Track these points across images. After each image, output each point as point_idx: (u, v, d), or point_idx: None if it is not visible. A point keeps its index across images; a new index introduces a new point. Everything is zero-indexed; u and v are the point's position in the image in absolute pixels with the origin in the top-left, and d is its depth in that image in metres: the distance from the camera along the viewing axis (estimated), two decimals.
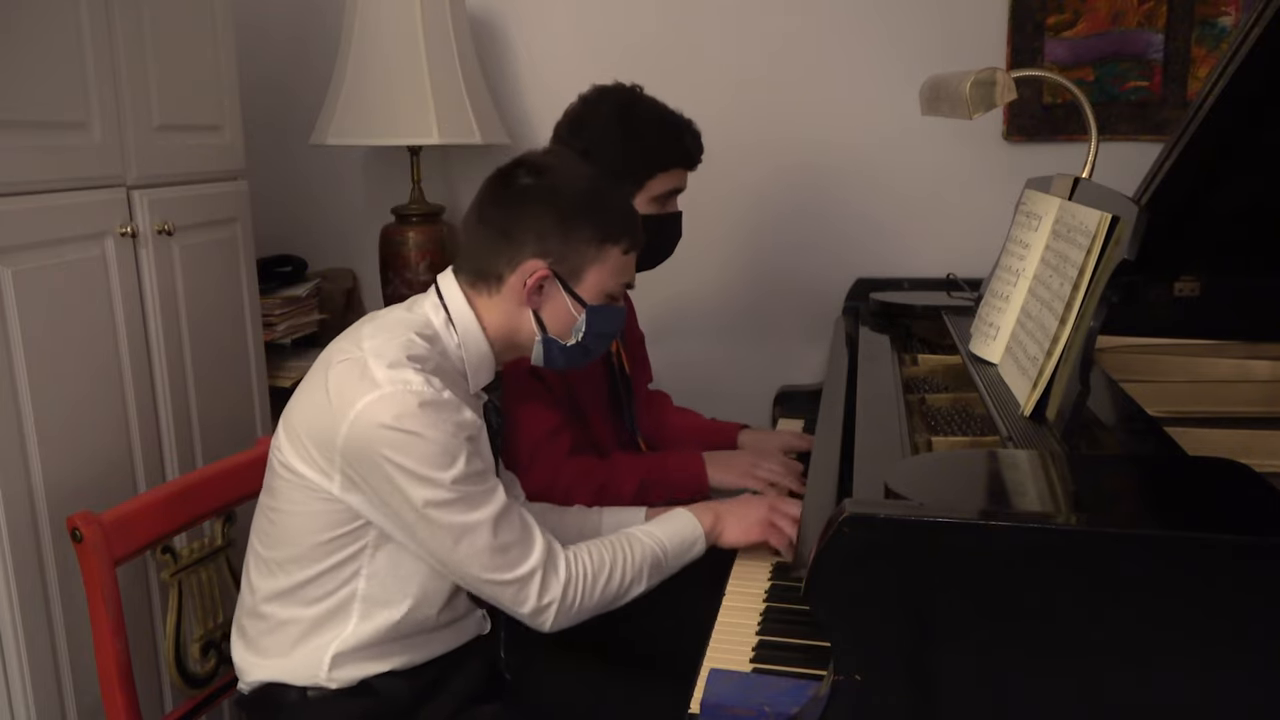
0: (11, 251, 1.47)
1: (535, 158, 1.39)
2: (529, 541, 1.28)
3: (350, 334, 1.33)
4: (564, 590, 1.29)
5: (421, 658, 1.36)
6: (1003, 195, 1.95)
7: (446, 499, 1.22)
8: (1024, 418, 1.25)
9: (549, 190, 1.33)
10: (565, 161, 1.40)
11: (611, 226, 1.35)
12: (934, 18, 2.30)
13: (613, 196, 1.39)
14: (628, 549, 1.36)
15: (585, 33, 2.47)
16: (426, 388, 1.22)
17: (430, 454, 1.21)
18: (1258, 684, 0.85)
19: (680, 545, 1.40)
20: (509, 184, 1.35)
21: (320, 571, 1.30)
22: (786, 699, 1.03)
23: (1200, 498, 0.98)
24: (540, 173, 1.35)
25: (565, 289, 1.34)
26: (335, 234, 2.67)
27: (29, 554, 1.51)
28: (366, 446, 1.21)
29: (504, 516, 1.26)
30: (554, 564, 1.29)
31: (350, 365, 1.25)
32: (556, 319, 1.36)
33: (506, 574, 1.26)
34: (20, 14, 1.50)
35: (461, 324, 1.34)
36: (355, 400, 1.22)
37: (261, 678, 1.35)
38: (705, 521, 1.43)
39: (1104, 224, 1.22)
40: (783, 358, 2.51)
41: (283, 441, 1.31)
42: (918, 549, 0.89)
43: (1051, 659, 0.88)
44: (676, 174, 1.75)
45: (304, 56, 2.57)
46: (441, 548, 1.25)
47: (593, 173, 1.39)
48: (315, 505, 1.28)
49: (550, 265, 1.32)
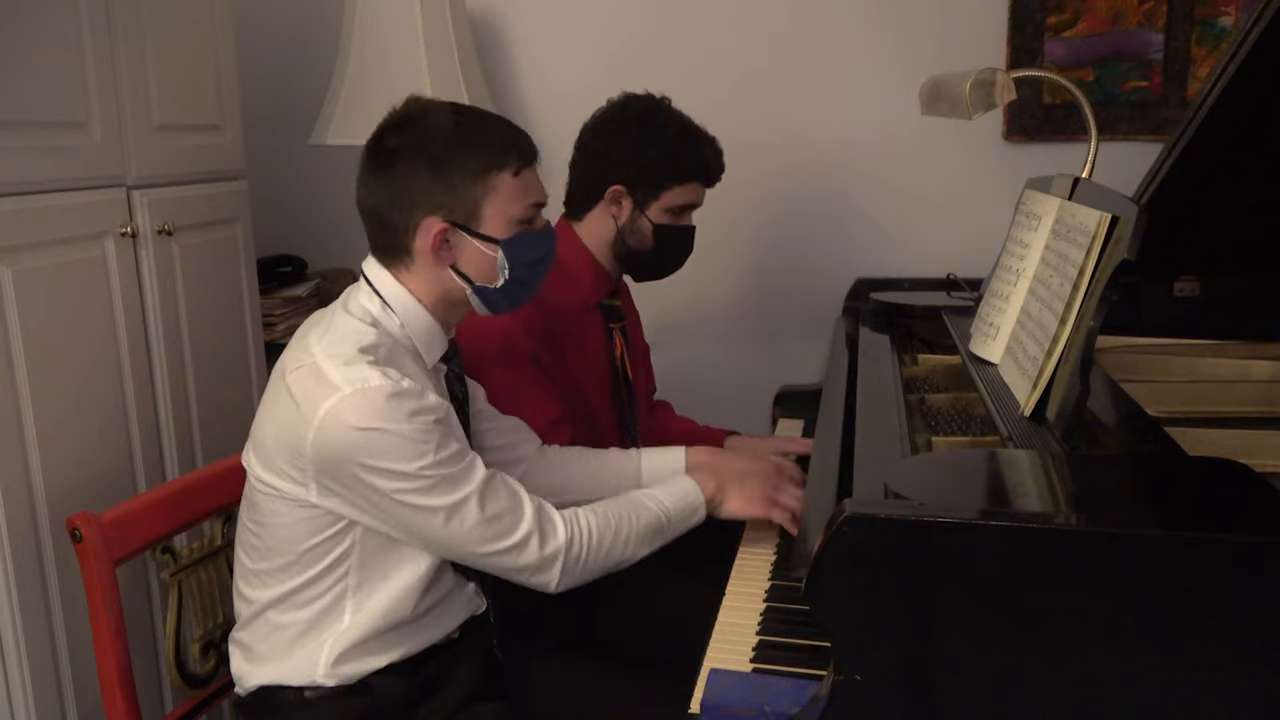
0: (11, 251, 1.47)
1: (394, 115, 1.34)
2: (518, 508, 1.28)
3: (298, 341, 1.32)
4: (567, 548, 1.29)
5: (418, 646, 1.35)
6: (1003, 195, 1.95)
7: (424, 486, 1.22)
8: (1024, 418, 1.25)
9: (415, 144, 1.29)
10: (424, 107, 1.35)
11: (490, 154, 1.30)
12: (934, 18, 2.30)
13: (483, 123, 1.34)
14: (631, 510, 1.36)
15: (585, 33, 2.47)
16: (385, 380, 1.21)
17: (401, 447, 1.20)
18: (1257, 684, 0.85)
19: (682, 511, 1.40)
20: (379, 151, 1.32)
21: (312, 576, 1.30)
22: (786, 699, 1.03)
23: (1200, 498, 0.98)
24: (403, 129, 1.31)
25: (470, 233, 1.30)
26: (335, 234, 2.67)
27: (29, 554, 1.51)
28: (336, 451, 1.20)
29: (487, 488, 1.26)
30: (550, 524, 1.30)
31: (305, 372, 1.24)
32: (474, 266, 1.32)
33: (502, 542, 1.26)
34: (20, 14, 1.49)
35: (398, 304, 1.32)
36: (318, 406, 1.20)
37: (259, 682, 1.34)
38: (707, 489, 1.43)
39: (1104, 224, 1.22)
40: (783, 358, 2.51)
41: (253, 458, 1.31)
42: (918, 549, 0.89)
43: (1051, 659, 0.88)
44: (693, 188, 1.74)
45: (304, 56, 2.57)
46: (432, 530, 1.25)
47: (455, 108, 1.36)
48: (297, 514, 1.27)
49: (444, 217, 1.29)
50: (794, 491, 1.46)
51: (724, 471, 1.48)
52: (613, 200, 1.73)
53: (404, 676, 1.34)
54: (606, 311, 1.81)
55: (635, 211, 1.73)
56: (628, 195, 1.72)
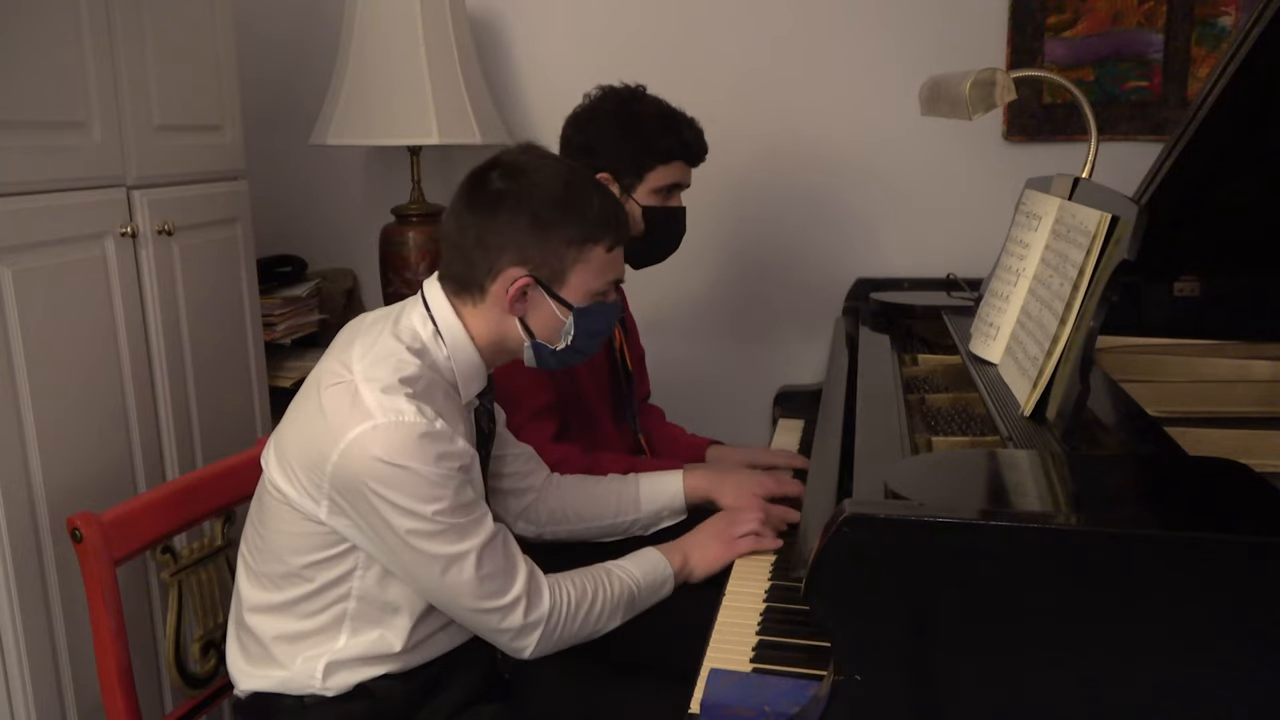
0: (11, 251, 1.47)
1: (509, 158, 1.34)
2: (513, 570, 1.28)
3: (339, 352, 1.30)
4: (548, 616, 1.29)
5: (418, 661, 1.36)
6: (1003, 195, 1.95)
7: (433, 530, 1.21)
8: (1024, 418, 1.25)
9: (523, 194, 1.29)
10: (540, 160, 1.35)
11: (591, 225, 1.31)
12: (934, 18, 2.30)
13: (591, 193, 1.34)
14: (606, 582, 1.36)
15: (585, 32, 2.47)
16: (420, 418, 1.20)
17: (420, 488, 1.20)
18: (1257, 684, 0.85)
19: (652, 584, 1.41)
20: (483, 189, 1.32)
21: (309, 591, 1.29)
22: (786, 699, 1.03)
23: (1200, 498, 0.98)
24: (514, 175, 1.31)
25: (549, 294, 1.31)
26: (335, 234, 2.67)
27: (29, 554, 1.51)
28: (357, 477, 1.20)
29: (489, 546, 1.25)
30: (538, 591, 1.29)
31: (342, 391, 1.23)
32: (543, 324, 1.33)
33: (491, 602, 1.26)
34: (20, 14, 1.49)
35: (450, 336, 1.32)
36: (347, 429, 1.20)
37: (255, 687, 1.34)
38: (674, 562, 1.43)
39: (1104, 224, 1.22)
40: (783, 358, 2.51)
41: (272, 461, 1.30)
42: (918, 549, 0.89)
43: (1051, 659, 0.88)
44: (676, 167, 1.75)
45: (304, 56, 2.57)
46: (427, 577, 1.24)
47: (569, 170, 1.36)
48: (302, 527, 1.27)
49: (530, 272, 1.29)
50: (748, 515, 1.46)
51: (686, 543, 1.47)
52: None
53: (404, 680, 1.34)
54: None
55: (623, 197, 1.74)
56: (614, 182, 1.73)
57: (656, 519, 1.61)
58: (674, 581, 1.43)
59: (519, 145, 1.38)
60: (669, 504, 1.61)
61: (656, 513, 1.61)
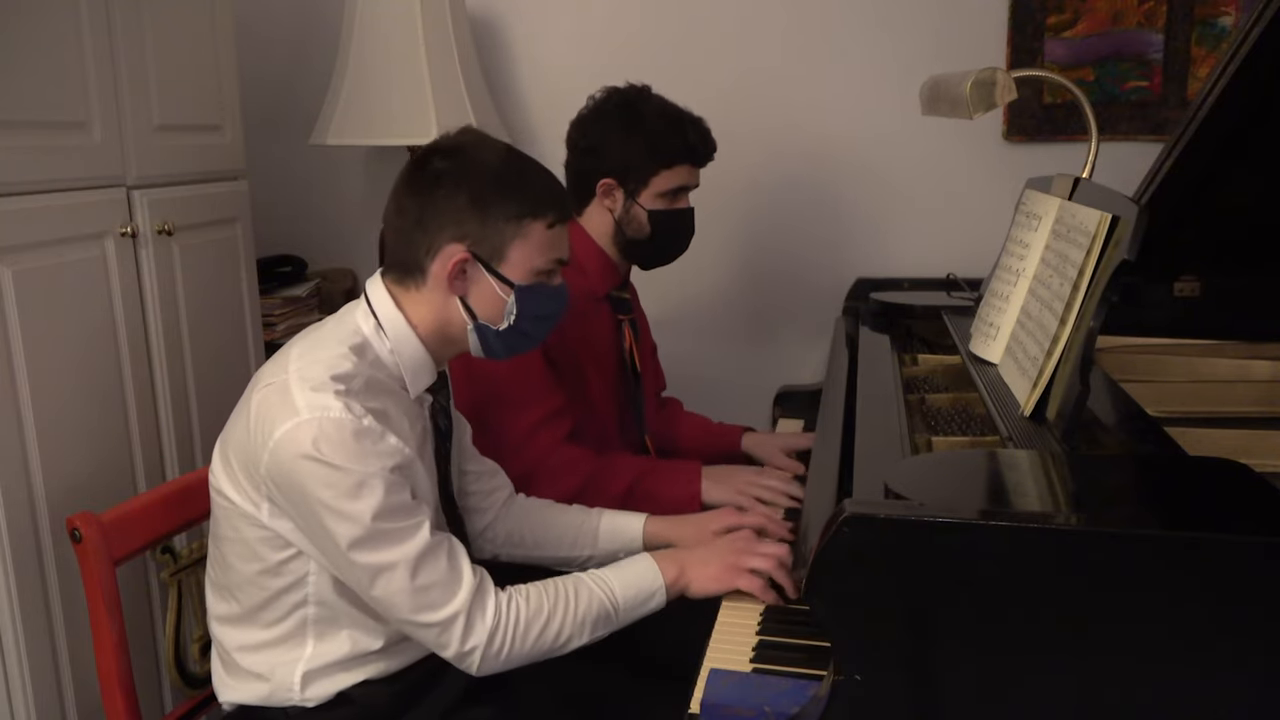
0: (11, 251, 1.47)
1: (447, 141, 1.33)
2: (454, 583, 1.22)
3: (281, 354, 1.29)
4: (490, 636, 1.22)
5: (402, 663, 1.34)
6: (1003, 195, 1.95)
7: (359, 535, 1.17)
8: (1024, 418, 1.25)
9: (461, 172, 1.28)
10: (478, 140, 1.34)
11: (530, 201, 1.29)
12: (934, 17, 2.30)
13: (530, 171, 1.33)
14: (573, 599, 1.28)
15: (585, 32, 2.47)
16: (346, 414, 1.18)
17: (346, 485, 1.17)
18: (1257, 684, 0.85)
19: (636, 597, 1.32)
20: (422, 171, 1.30)
21: (264, 599, 1.28)
22: (786, 699, 1.03)
23: (1200, 498, 0.98)
24: (451, 154, 1.30)
25: (489, 270, 1.29)
26: (335, 234, 2.67)
27: (29, 554, 1.51)
28: (286, 475, 1.18)
29: (426, 556, 1.20)
30: (481, 608, 1.22)
31: (274, 389, 1.22)
32: (484, 303, 1.30)
33: (426, 616, 1.20)
34: (20, 14, 1.49)
35: (392, 328, 1.30)
36: (275, 427, 1.18)
37: (238, 699, 1.33)
38: (669, 573, 1.34)
39: (1104, 224, 1.22)
40: (783, 358, 2.51)
41: (218, 468, 1.30)
42: (918, 549, 0.89)
43: (1051, 659, 0.88)
44: (682, 171, 1.75)
45: (304, 56, 2.57)
46: (359, 585, 1.21)
47: (507, 149, 1.34)
48: (249, 533, 1.26)
49: (469, 247, 1.28)
50: (766, 550, 1.36)
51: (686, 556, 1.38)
52: (605, 193, 1.74)
53: (387, 684, 1.33)
54: (615, 303, 1.82)
55: (628, 201, 1.73)
56: (618, 186, 1.73)
57: (612, 558, 1.46)
58: (666, 594, 1.34)
59: (459, 129, 1.36)
60: (626, 546, 1.53)
61: (613, 553, 1.51)
